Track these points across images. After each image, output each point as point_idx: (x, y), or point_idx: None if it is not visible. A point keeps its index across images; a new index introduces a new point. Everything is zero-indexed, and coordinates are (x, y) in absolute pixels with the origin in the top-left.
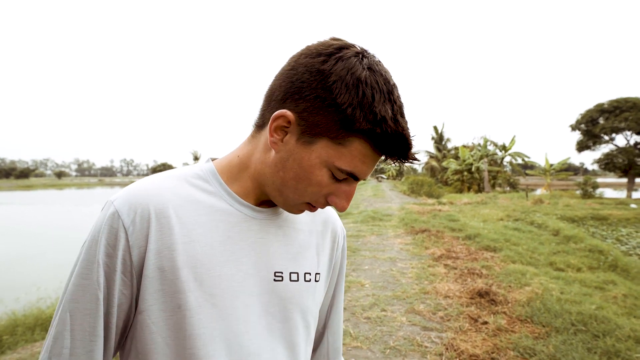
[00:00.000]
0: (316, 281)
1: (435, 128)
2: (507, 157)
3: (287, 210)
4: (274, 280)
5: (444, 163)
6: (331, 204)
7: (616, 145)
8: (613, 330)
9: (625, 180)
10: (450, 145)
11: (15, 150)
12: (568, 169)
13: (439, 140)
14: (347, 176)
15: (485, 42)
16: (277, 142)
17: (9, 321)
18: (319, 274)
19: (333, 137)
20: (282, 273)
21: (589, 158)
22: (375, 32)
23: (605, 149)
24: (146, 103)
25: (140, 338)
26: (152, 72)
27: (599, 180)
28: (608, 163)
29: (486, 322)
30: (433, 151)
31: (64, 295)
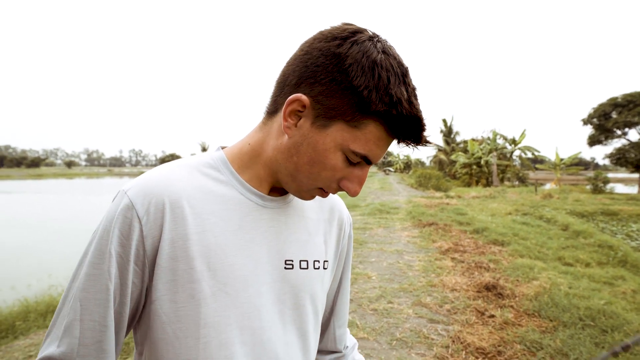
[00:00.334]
0: (324, 269)
1: (444, 121)
2: (517, 151)
3: (299, 196)
4: (285, 268)
5: (453, 156)
6: (343, 189)
7: (629, 140)
8: (621, 325)
9: (637, 175)
10: (459, 138)
11: (26, 139)
12: (579, 164)
13: (448, 133)
14: (361, 160)
15: (496, 34)
16: (291, 127)
17: (22, 307)
18: (327, 262)
19: (349, 120)
20: (293, 261)
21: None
22: (385, 24)
23: (617, 144)
24: (155, 94)
25: (151, 328)
26: (162, 64)
27: (610, 175)
28: (620, 158)
29: (493, 316)
30: (442, 144)
31: (73, 283)
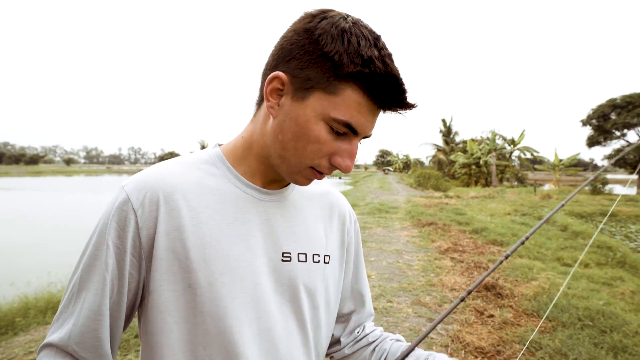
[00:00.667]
0: (325, 263)
1: (443, 121)
2: (516, 152)
3: (293, 180)
4: (282, 260)
5: (452, 156)
6: (335, 165)
7: (627, 141)
8: (620, 325)
9: (635, 177)
10: (458, 138)
11: (25, 136)
12: (577, 165)
13: (447, 133)
14: (346, 129)
15: (495, 35)
16: (274, 107)
17: (21, 304)
18: (329, 256)
19: (325, 87)
20: (290, 254)
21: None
22: (385, 24)
23: (616, 145)
24: (154, 92)
25: (150, 318)
26: (161, 61)
27: (609, 176)
28: (619, 159)
29: (492, 315)
30: (441, 144)
31: (74, 275)
